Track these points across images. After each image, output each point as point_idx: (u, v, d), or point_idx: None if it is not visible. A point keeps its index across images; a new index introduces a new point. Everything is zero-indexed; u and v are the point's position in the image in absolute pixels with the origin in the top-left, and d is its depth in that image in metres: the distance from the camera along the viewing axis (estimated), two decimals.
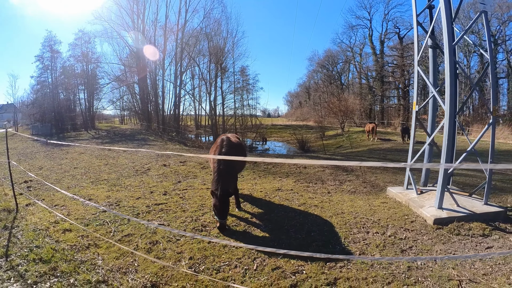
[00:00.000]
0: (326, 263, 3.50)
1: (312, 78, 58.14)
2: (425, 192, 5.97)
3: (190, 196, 6.13)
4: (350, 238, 4.24)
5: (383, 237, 4.30)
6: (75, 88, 31.55)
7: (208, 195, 6.20)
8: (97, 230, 4.30)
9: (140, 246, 3.82)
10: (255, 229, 4.50)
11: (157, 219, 4.82)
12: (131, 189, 6.60)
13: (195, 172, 8.58)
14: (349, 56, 48.58)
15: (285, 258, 3.58)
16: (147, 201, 5.69)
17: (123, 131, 26.35)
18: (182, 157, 10.79)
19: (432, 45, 6.23)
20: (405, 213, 5.24)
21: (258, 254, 3.68)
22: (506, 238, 4.28)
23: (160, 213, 5.06)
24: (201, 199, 5.92)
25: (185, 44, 30.65)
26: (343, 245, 4.02)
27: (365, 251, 3.85)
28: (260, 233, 4.35)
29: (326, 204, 5.78)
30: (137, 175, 8.11)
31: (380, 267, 3.45)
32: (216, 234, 4.29)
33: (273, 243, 4.01)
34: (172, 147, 17.82)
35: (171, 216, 4.94)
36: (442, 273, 3.34)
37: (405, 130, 21.33)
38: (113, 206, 5.42)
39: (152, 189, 6.61)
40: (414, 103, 6.26)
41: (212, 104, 33.60)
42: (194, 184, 7.14)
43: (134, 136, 22.44)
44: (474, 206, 5.09)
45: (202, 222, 4.70)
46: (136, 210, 5.23)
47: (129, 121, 44.00)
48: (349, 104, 33.17)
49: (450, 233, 4.39)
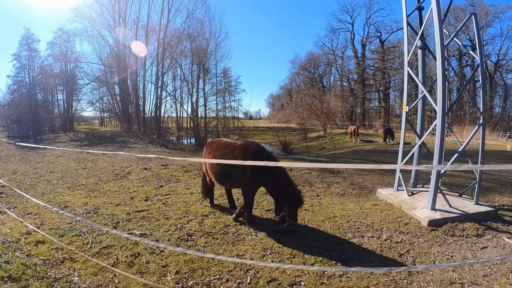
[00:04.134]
0: (325, 272, 3.39)
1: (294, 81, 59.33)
2: (416, 193, 6.09)
3: (174, 202, 5.87)
4: (346, 244, 4.18)
5: (379, 241, 4.29)
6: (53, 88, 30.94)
7: (193, 200, 5.99)
8: (73, 241, 3.96)
9: (121, 260, 3.53)
10: (245, 237, 4.33)
11: (139, 228, 4.54)
12: (110, 195, 6.28)
13: (177, 175, 8.31)
14: (331, 59, 50.17)
15: (280, 268, 3.44)
16: (127, 208, 5.40)
17: (102, 134, 25.87)
18: (164, 160, 10.56)
19: (422, 46, 6.43)
20: (398, 215, 5.30)
21: (251, 265, 3.52)
22: (499, 237, 4.42)
23: (141, 221, 4.80)
24: (185, 205, 5.68)
25: (167, 45, 30.63)
26: (339, 251, 3.94)
27: (363, 258, 3.80)
28: (251, 241, 4.18)
29: (316, 208, 5.72)
30: (116, 179, 7.80)
31: (381, 274, 3.41)
32: (203, 243, 4.08)
33: (265, 252, 3.85)
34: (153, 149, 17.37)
35: (153, 225, 4.66)
36: (444, 277, 3.35)
37: (388, 132, 22.10)
38: (91, 214, 5.08)
39: (133, 195, 6.31)
40: (404, 104, 6.40)
41: (194, 106, 33.68)
42: (177, 189, 6.89)
43: (114, 139, 21.97)
44: (465, 206, 5.24)
45: (187, 231, 4.46)
46: (115, 218, 4.92)
47: (109, 123, 43.42)
48: (331, 106, 34.00)
49: (445, 235, 4.47)
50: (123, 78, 29.03)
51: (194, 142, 30.66)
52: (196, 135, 31.25)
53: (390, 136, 21.98)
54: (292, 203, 4.14)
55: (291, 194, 4.16)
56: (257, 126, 51.85)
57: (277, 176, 4.26)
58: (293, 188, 4.26)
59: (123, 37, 28.11)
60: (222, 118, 38.70)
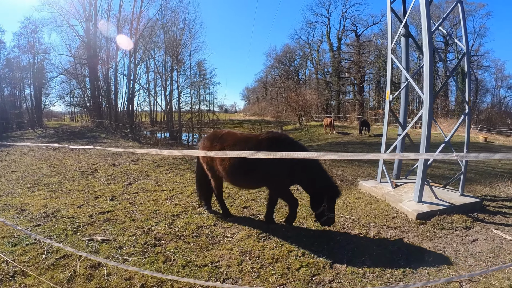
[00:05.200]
0: (313, 278, 3.04)
1: (269, 74, 59.17)
2: (400, 185, 5.97)
3: (142, 201, 5.33)
4: (332, 243, 3.87)
5: (368, 238, 4.03)
6: (20, 82, 29.46)
7: (163, 198, 5.48)
8: (26, 252, 3.37)
9: (78, 272, 3.01)
10: (221, 239, 3.88)
11: (101, 232, 4.01)
12: (74, 195, 5.71)
13: (148, 171, 7.75)
14: (306, 52, 50.59)
15: (262, 277, 3.03)
16: (90, 210, 4.86)
17: (72, 129, 24.73)
18: (132, 155, 9.94)
19: (405, 34, 6.29)
20: (384, 208, 5.11)
21: (228, 274, 3.08)
22: (487, 229, 4.34)
23: (105, 224, 4.28)
24: (154, 204, 5.16)
25: (140, 35, 29.59)
26: (326, 252, 3.61)
27: (353, 258, 3.50)
28: (227, 244, 3.74)
29: (300, 202, 5.38)
30: (82, 177, 7.22)
31: (374, 276, 3.12)
32: (173, 249, 3.58)
33: (244, 257, 3.43)
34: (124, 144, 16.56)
35: (118, 228, 4.13)
36: (440, 275, 3.14)
37: (363, 124, 22.55)
38: (49, 218, 4.46)
39: (98, 194, 5.77)
40: (388, 92, 6.23)
41: (168, 99, 32.70)
42: (146, 186, 6.36)
43: (84, 134, 21.03)
44: (451, 197, 5.16)
45: (155, 234, 3.95)
46: (76, 222, 4.33)
47: (80, 119, 41.85)
48: (307, 99, 34.25)
49: (435, 228, 4.32)
50: (94, 70, 27.97)
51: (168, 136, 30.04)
52: (170, 129, 30.57)
53: (366, 128, 22.43)
54: (332, 196, 3.85)
55: (330, 187, 3.85)
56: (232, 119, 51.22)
57: (315, 169, 3.90)
58: (330, 180, 3.95)
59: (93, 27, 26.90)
60: (196, 111, 37.74)
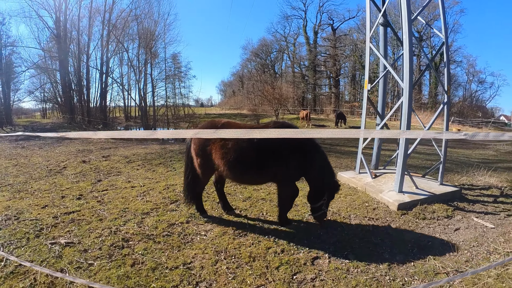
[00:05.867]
0: (294, 277, 2.78)
1: (246, 67, 58.63)
2: (379, 176, 5.89)
3: (111, 199, 4.87)
4: (313, 238, 3.64)
5: (349, 231, 3.84)
6: None
7: (133, 195, 5.02)
8: None
9: (39, 281, 2.62)
10: (193, 238, 3.52)
11: (66, 234, 3.60)
12: (39, 195, 5.14)
13: (119, 167, 7.23)
14: (283, 46, 50.62)
15: (239, 278, 2.72)
16: (55, 210, 4.37)
17: (43, 126, 23.46)
18: (104, 151, 9.38)
19: (384, 23, 6.18)
20: (364, 199, 4.97)
21: (201, 276, 2.73)
22: (468, 217, 4.32)
23: (70, 225, 3.88)
24: (123, 202, 4.71)
25: (112, 27, 28.60)
26: (306, 247, 3.36)
27: (335, 253, 3.28)
28: (201, 243, 3.38)
29: (274, 196, 5.11)
30: (50, 175, 6.61)
31: (358, 271, 2.91)
32: (142, 250, 3.18)
33: (219, 257, 3.10)
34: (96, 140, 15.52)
35: (83, 229, 3.71)
36: (427, 267, 3.00)
37: (339, 116, 22.88)
38: (11, 221, 3.96)
39: (65, 193, 5.23)
40: (366, 81, 6.11)
41: (142, 92, 31.54)
42: (116, 183, 5.87)
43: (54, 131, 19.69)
44: (431, 187, 5.13)
45: (123, 235, 3.55)
46: (39, 224, 3.85)
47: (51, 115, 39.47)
48: (283, 92, 34.26)
49: (417, 218, 4.23)
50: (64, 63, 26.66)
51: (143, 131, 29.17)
52: (145, 124, 29.83)
53: (342, 120, 22.76)
54: (333, 190, 3.71)
55: (332, 182, 3.69)
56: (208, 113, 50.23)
57: (324, 161, 3.69)
58: (333, 175, 3.78)
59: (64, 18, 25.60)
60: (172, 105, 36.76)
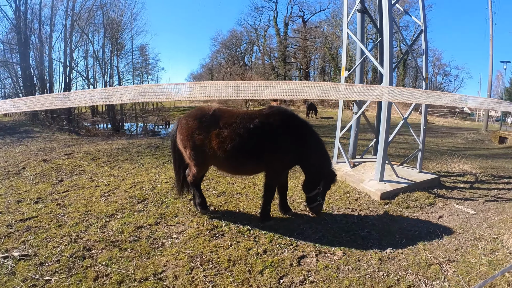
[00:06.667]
0: (280, 281, 2.49)
1: (215, 59, 57.66)
2: (358, 165, 5.80)
3: (72, 201, 4.28)
4: (296, 234, 3.38)
5: (334, 224, 3.63)
6: None
7: (97, 195, 4.47)
8: None
9: None
10: (164, 242, 3.11)
11: (20, 245, 3.12)
12: None
13: (82, 165, 6.53)
14: (253, 37, 50.39)
15: (219, 287, 2.38)
16: (9, 217, 3.79)
17: (3, 124, 20.85)
18: (67, 148, 8.56)
19: (361, 9, 6.06)
20: (345, 190, 4.83)
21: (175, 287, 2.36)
22: (449, 204, 4.33)
23: (25, 234, 3.37)
24: (86, 204, 4.15)
25: (76, 16, 26.78)
26: (290, 246, 3.09)
27: (322, 249, 3.05)
28: (173, 248, 2.99)
29: (251, 189, 4.84)
30: (7, 178, 5.83)
31: (349, 269, 2.70)
32: (106, 260, 2.73)
33: (194, 263, 2.72)
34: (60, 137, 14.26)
35: (40, 239, 3.21)
36: (419, 258, 2.88)
37: (310, 107, 23.09)
38: None
39: (22, 197, 4.56)
40: (343, 68, 5.96)
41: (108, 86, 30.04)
42: (79, 182, 5.23)
43: (15, 129, 18.02)
44: (411, 175, 5.12)
45: (85, 243, 3.08)
46: None
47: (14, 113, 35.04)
48: None
49: (400, 207, 4.15)
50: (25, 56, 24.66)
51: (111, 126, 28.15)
52: (112, 119, 28.48)
53: (313, 111, 22.98)
54: (329, 180, 3.49)
55: (328, 170, 3.50)
56: (177, 106, 48.80)
57: (318, 147, 3.50)
58: (329, 163, 3.59)
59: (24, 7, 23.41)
60: None
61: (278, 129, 3.32)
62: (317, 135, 3.53)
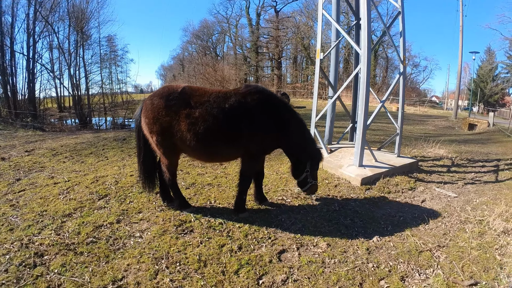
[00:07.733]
0: (260, 281, 2.16)
1: (186, 50, 56.11)
2: (334, 151, 5.61)
3: (27, 201, 3.67)
4: (274, 225, 3.06)
5: (315, 213, 3.37)
6: None
7: (55, 193, 3.88)
8: None
9: None
10: (126, 242, 2.66)
11: None
12: None
13: (43, 162, 5.79)
14: (225, 27, 49.37)
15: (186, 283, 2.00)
16: None
17: None
18: (28, 145, 7.59)
19: None
20: (323, 176, 4.60)
21: None
22: (430, 188, 4.25)
23: None
24: (42, 203, 3.58)
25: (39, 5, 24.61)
26: (268, 240, 2.77)
27: (303, 242, 2.75)
28: (135, 249, 2.54)
29: (223, 180, 4.47)
30: None
31: (336, 262, 2.43)
32: (59, 267, 2.27)
33: (160, 266, 2.31)
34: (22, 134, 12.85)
35: None
36: (408, 245, 2.69)
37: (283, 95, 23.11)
38: None
39: None
40: (318, 50, 5.69)
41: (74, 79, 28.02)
42: (38, 180, 4.56)
43: None
44: (390, 159, 5.00)
45: (37, 248, 2.61)
46: None
47: None
48: (225, 74, 33.64)
49: (382, 192, 4.00)
50: None
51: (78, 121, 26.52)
52: (79, 114, 26.91)
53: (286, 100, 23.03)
54: (315, 159, 3.36)
55: (313, 150, 3.35)
56: None
57: (299, 126, 3.29)
58: (313, 142, 3.44)
59: None
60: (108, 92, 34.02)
61: (257, 108, 3.01)
62: (298, 115, 3.26)
